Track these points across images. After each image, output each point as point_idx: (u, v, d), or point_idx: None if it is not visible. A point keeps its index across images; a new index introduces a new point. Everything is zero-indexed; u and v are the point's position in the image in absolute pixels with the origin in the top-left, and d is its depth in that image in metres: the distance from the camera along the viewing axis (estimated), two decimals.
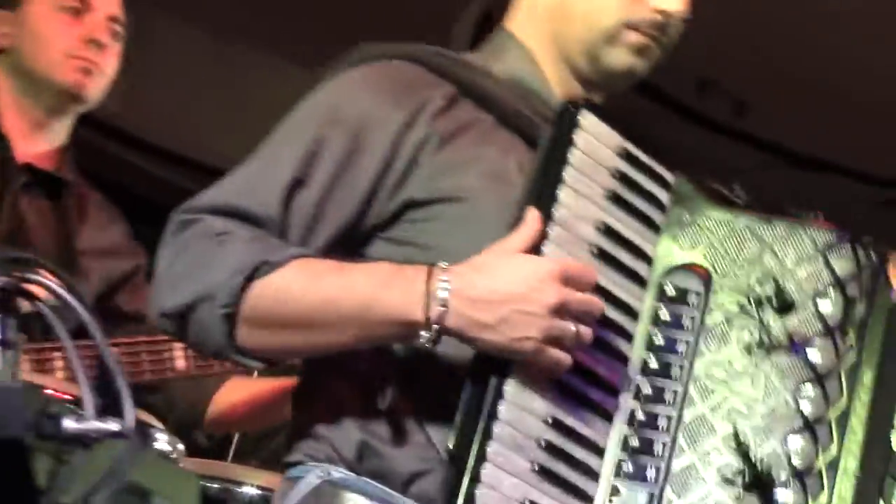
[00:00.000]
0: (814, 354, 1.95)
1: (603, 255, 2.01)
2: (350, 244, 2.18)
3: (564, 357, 1.93)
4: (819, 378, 1.95)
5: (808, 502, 1.85)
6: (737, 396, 1.92)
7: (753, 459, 1.81)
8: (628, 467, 1.92)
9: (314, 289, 2.01)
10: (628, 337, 2.01)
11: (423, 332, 1.94)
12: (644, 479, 1.91)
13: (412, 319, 1.95)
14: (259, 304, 2.01)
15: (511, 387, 1.93)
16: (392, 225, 2.17)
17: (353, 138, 2.13)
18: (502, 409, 1.91)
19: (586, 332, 1.94)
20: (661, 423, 1.93)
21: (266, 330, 2.04)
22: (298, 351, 2.16)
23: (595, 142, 2.06)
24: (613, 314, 1.99)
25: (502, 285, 1.93)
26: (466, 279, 1.94)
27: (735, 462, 1.87)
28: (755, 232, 2.05)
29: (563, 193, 2.01)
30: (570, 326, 1.93)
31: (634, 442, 1.93)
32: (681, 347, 1.98)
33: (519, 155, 2.16)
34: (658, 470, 1.91)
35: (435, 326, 1.92)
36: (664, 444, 1.92)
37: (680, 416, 1.93)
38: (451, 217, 2.11)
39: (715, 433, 1.91)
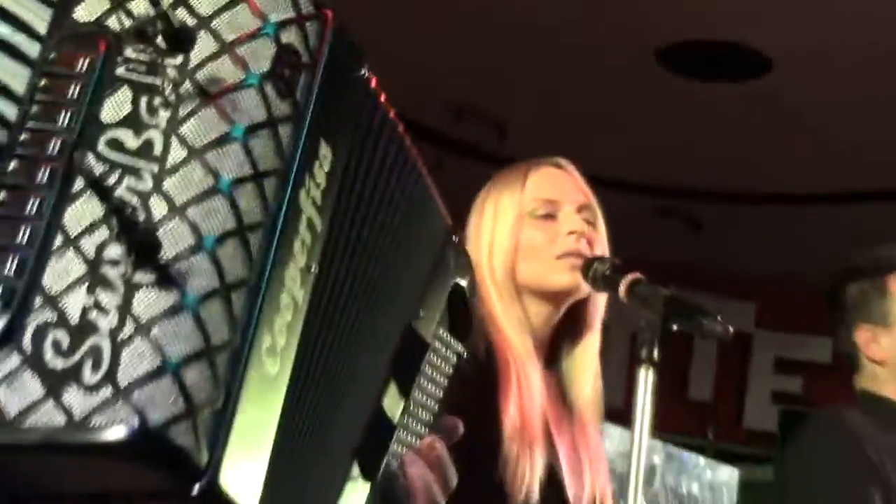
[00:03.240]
0: (242, 112, 1.34)
1: None
2: None
3: None
4: (248, 137, 1.33)
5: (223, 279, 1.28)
6: (142, 170, 1.32)
7: (164, 248, 1.25)
8: None
9: None
10: None
11: None
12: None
13: None
14: None
15: None
16: None
17: None
18: None
19: None
20: (30, 207, 1.32)
21: None
22: None
23: None
24: None
25: None
26: None
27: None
28: None
29: None
30: None
31: None
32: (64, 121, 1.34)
33: None
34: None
35: None
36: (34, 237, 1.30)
37: (60, 205, 1.31)
38: None
39: (108, 218, 1.30)
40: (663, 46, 6.93)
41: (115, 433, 1.18)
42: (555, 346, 2.72)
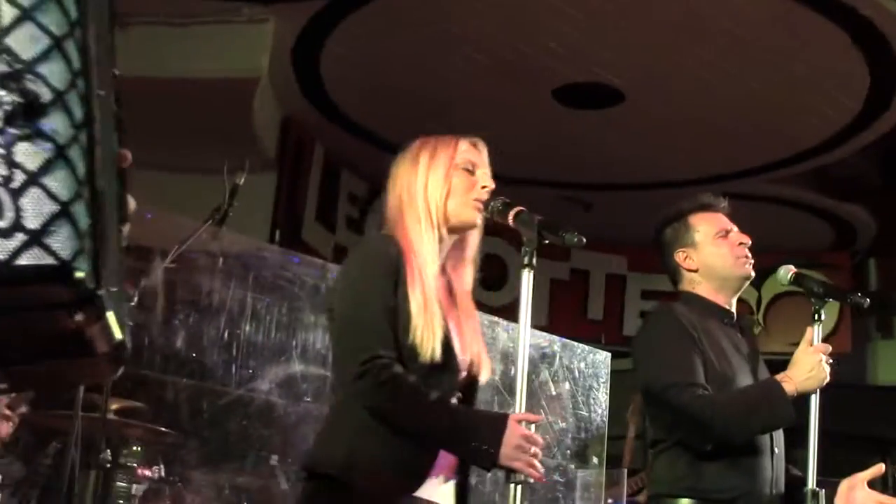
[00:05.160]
0: None
1: None
2: None
3: None
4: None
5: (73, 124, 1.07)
6: None
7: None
8: None
9: None
10: None
11: None
12: None
13: None
14: None
15: None
16: None
17: None
18: None
19: None
20: None
21: None
22: None
23: None
24: None
25: None
26: None
27: None
28: None
29: None
30: None
31: None
32: None
33: None
34: None
35: None
36: None
37: None
38: None
39: None
40: (557, 87, 6.89)
41: (41, 270, 1.02)
42: (448, 261, 2.61)
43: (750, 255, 3.20)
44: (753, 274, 3.22)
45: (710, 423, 2.91)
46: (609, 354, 5.10)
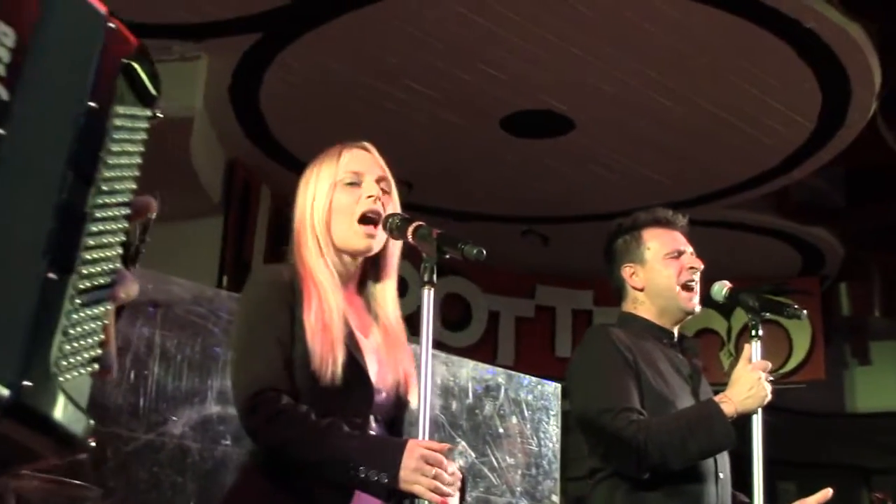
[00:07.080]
0: None
1: None
2: None
3: None
4: None
5: None
6: None
7: None
8: None
9: None
10: None
11: None
12: None
13: None
14: None
15: None
16: None
17: None
18: None
19: None
20: None
21: None
22: None
23: None
24: None
25: None
26: None
27: None
28: None
29: None
30: None
31: None
32: None
33: None
34: None
35: None
36: None
37: None
38: None
39: None
40: (504, 116, 6.68)
41: None
42: (363, 278, 2.46)
43: (697, 280, 3.05)
44: (698, 308, 3.06)
45: (644, 450, 2.74)
46: (559, 385, 4.86)
